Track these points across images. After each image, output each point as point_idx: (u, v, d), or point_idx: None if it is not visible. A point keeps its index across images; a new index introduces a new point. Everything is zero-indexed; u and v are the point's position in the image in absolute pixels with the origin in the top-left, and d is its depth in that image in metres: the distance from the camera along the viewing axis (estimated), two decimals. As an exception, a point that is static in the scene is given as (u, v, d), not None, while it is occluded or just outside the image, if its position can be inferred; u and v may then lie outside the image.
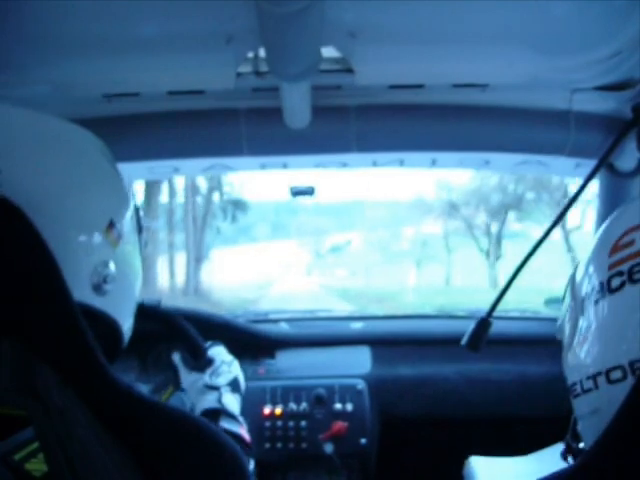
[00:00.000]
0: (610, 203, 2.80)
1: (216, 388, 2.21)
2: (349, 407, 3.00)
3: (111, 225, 1.49)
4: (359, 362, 3.23)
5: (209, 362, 2.28)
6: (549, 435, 2.89)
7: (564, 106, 2.48)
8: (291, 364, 3.24)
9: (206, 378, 2.25)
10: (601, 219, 2.87)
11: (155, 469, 1.32)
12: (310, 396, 3.02)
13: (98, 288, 1.44)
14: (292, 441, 2.98)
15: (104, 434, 1.24)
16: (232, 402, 2.20)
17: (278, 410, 3.00)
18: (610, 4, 1.86)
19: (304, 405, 3.01)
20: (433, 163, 2.90)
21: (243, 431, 2.09)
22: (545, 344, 3.23)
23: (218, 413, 2.11)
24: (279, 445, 2.97)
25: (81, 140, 1.57)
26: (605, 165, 2.69)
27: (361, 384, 3.06)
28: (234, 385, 2.27)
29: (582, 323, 1.30)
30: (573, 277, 1.41)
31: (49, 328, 1.24)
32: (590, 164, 2.64)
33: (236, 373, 2.31)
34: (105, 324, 1.52)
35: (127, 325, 1.67)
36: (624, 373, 1.14)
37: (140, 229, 1.74)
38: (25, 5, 1.81)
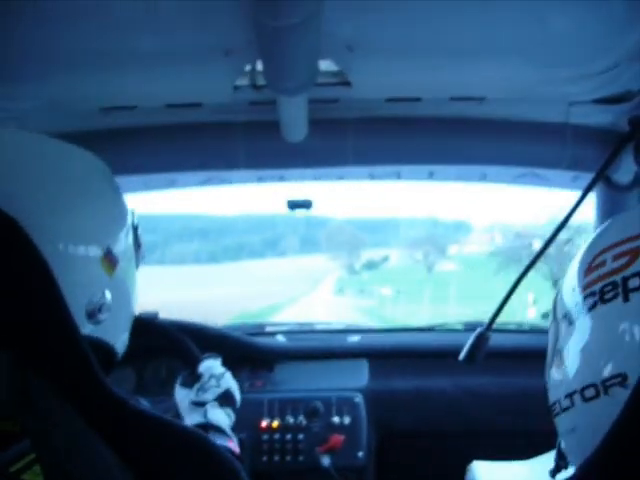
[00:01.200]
0: (607, 216, 2.79)
1: (202, 404, 2.21)
2: (346, 420, 2.99)
3: (108, 253, 1.48)
4: (356, 375, 3.22)
5: (197, 378, 2.28)
6: (547, 448, 2.89)
7: (561, 119, 2.48)
8: (288, 377, 3.24)
9: (192, 395, 2.25)
10: (598, 232, 2.87)
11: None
12: (307, 409, 3.02)
13: (92, 317, 1.43)
14: (289, 454, 2.97)
15: (102, 447, 1.23)
16: (220, 416, 2.19)
17: (275, 423, 3.00)
18: (607, 17, 1.86)
19: (301, 418, 3.00)
20: (430, 176, 2.90)
21: (232, 444, 2.08)
22: (543, 357, 3.22)
23: (204, 428, 2.11)
24: (276, 458, 2.97)
25: (80, 164, 1.55)
26: (602, 178, 2.70)
27: (358, 397, 3.06)
28: (224, 399, 2.27)
29: (560, 342, 1.33)
30: (556, 297, 1.42)
31: (47, 341, 1.23)
32: (588, 177, 2.64)
33: (226, 386, 2.30)
34: (99, 348, 1.49)
35: (122, 344, 1.66)
36: (597, 391, 1.17)
37: (138, 246, 1.73)
38: (22, 19, 1.81)
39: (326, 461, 2.93)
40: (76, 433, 1.18)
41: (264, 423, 2.99)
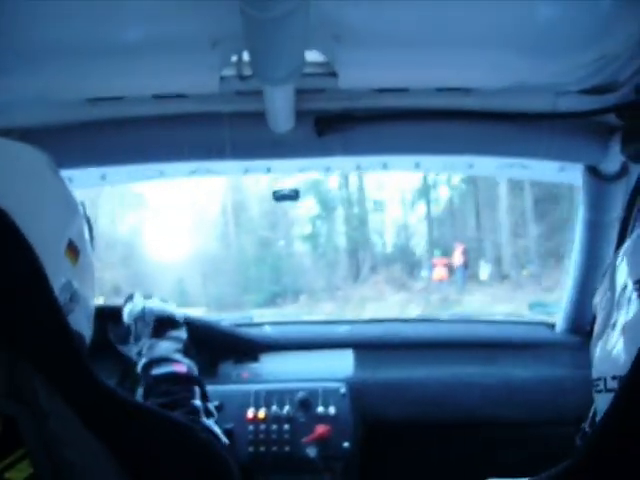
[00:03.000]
0: (594, 207, 2.80)
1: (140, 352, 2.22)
2: (332, 410, 2.99)
3: (70, 244, 1.49)
4: (342, 366, 3.22)
5: (127, 330, 2.27)
6: (533, 438, 2.90)
7: (548, 109, 2.48)
8: (275, 367, 3.24)
9: (133, 348, 2.25)
10: (585, 223, 2.88)
11: (141, 472, 1.32)
12: (293, 400, 3.02)
13: (65, 307, 1.43)
14: (275, 445, 2.97)
15: (90, 438, 1.24)
16: (162, 346, 2.18)
17: (261, 414, 2.99)
18: (594, 8, 1.86)
19: (287, 408, 3.00)
20: (417, 166, 2.90)
21: (177, 366, 2.08)
22: (530, 348, 3.24)
23: (149, 364, 2.10)
24: (262, 449, 2.97)
25: (28, 158, 1.53)
26: (589, 168, 2.70)
27: (344, 388, 3.06)
28: (159, 327, 2.25)
29: (616, 317, 1.25)
30: (614, 261, 1.34)
31: (37, 333, 1.23)
32: (574, 167, 2.66)
33: (153, 317, 2.26)
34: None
35: (89, 333, 1.67)
36: None
37: (91, 237, 1.73)
38: (6, 10, 1.80)
39: (312, 451, 2.93)
40: (66, 424, 1.18)
41: (250, 414, 2.99)
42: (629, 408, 1.02)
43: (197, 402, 1.95)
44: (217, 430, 1.90)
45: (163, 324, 2.25)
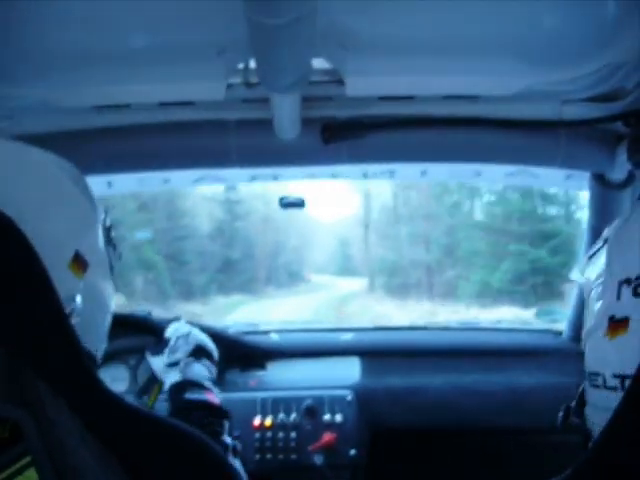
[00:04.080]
0: (600, 214, 2.80)
1: (175, 364, 2.23)
2: (338, 418, 2.99)
3: (76, 257, 1.47)
4: (348, 373, 3.22)
5: (165, 343, 2.30)
6: (538, 446, 2.89)
7: (555, 117, 2.47)
8: (281, 375, 3.24)
9: (164, 358, 2.28)
10: (591, 230, 2.87)
11: (147, 478, 1.32)
12: (300, 407, 3.02)
13: None
14: (282, 452, 2.97)
15: (95, 445, 1.23)
16: (196, 370, 2.21)
17: (268, 421, 2.99)
18: (600, 16, 1.86)
19: (294, 416, 3.00)
20: (423, 174, 2.90)
21: (210, 396, 2.10)
22: (535, 355, 3.24)
23: (182, 385, 2.11)
24: (269, 456, 2.97)
25: (43, 165, 1.52)
26: (596, 176, 2.70)
27: (350, 395, 3.06)
28: (197, 352, 2.29)
29: (617, 309, 1.23)
30: (610, 254, 1.33)
31: (41, 339, 1.23)
32: (581, 175, 2.65)
33: (195, 342, 2.31)
34: None
35: (100, 346, 1.66)
36: None
37: (113, 247, 1.72)
38: (15, 17, 1.81)
39: (319, 459, 2.93)
40: (71, 431, 1.18)
41: (257, 421, 2.99)
42: (633, 419, 1.02)
43: (227, 439, 1.98)
44: (241, 471, 1.90)
45: (201, 352, 2.30)
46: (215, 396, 2.12)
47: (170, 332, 2.36)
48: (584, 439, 1.39)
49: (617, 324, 1.21)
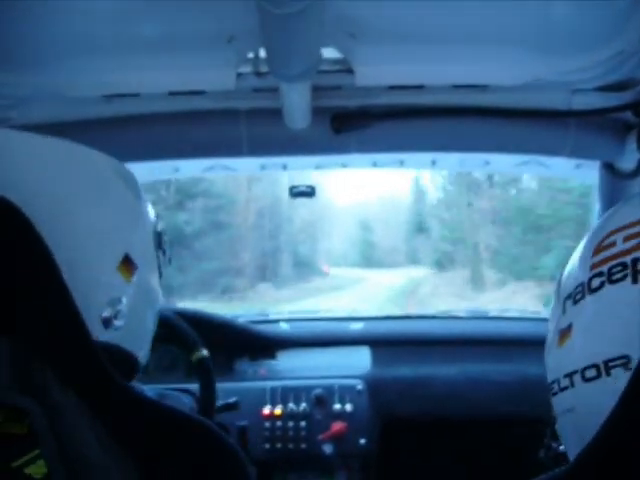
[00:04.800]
0: (610, 204, 2.79)
1: None
2: (348, 407, 3.00)
3: (126, 260, 1.46)
4: (359, 362, 3.23)
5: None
6: (549, 435, 2.88)
7: (564, 107, 2.47)
8: (291, 364, 3.25)
9: None
10: (601, 219, 2.87)
11: (155, 469, 1.32)
12: (310, 396, 3.02)
13: (108, 324, 1.41)
14: (292, 441, 2.98)
15: (104, 433, 1.24)
16: None
17: (278, 410, 3.00)
18: (610, 5, 1.86)
19: (304, 405, 3.01)
20: (433, 164, 2.90)
21: None
22: (544, 344, 3.23)
23: None
24: (279, 445, 2.98)
25: (95, 165, 1.52)
26: (605, 166, 2.70)
27: (360, 384, 3.06)
28: None
29: (562, 322, 1.31)
30: (559, 278, 1.40)
31: (48, 326, 1.23)
32: (590, 165, 2.65)
33: None
34: (117, 354, 1.48)
35: (144, 351, 1.64)
36: (598, 372, 1.15)
37: (163, 252, 1.72)
38: (24, 6, 1.81)
39: (329, 449, 2.94)
40: (80, 420, 1.19)
41: (267, 410, 3.00)
42: (634, 412, 1.02)
43: None
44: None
45: None
46: None
47: None
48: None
49: (564, 332, 1.28)
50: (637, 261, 1.15)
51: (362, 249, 21.45)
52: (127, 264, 1.46)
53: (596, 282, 1.21)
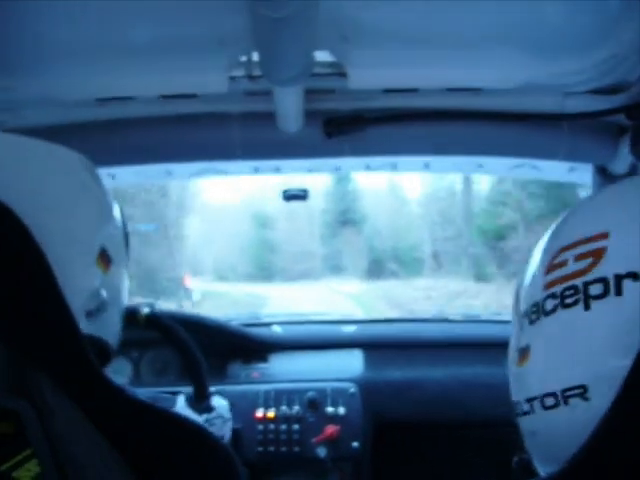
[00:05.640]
0: None
1: None
2: (341, 410, 3.00)
3: (102, 252, 1.50)
4: (351, 365, 3.23)
5: (209, 409, 2.31)
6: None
7: (557, 110, 2.47)
8: (284, 367, 3.25)
9: (200, 420, 2.30)
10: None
11: (148, 471, 1.32)
12: (303, 399, 3.02)
13: (90, 315, 1.44)
14: (285, 444, 2.98)
15: (96, 435, 1.24)
16: None
17: (271, 413, 3.00)
18: (603, 8, 1.87)
19: (297, 408, 3.01)
20: (426, 167, 2.90)
21: None
22: None
23: None
24: (271, 448, 2.97)
25: (67, 162, 1.54)
26: (598, 169, 2.70)
27: (353, 387, 3.06)
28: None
29: (521, 340, 1.32)
30: (517, 290, 1.42)
31: (43, 330, 1.24)
32: (584, 168, 2.65)
33: (224, 433, 2.34)
34: (96, 344, 1.52)
35: (116, 339, 1.68)
36: (557, 401, 1.16)
37: (126, 242, 1.74)
38: (16, 10, 1.81)
39: (322, 452, 2.94)
40: (73, 422, 1.19)
41: (259, 413, 3.00)
42: (626, 416, 1.03)
43: None
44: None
45: None
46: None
47: (217, 404, 2.41)
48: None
49: (523, 352, 1.31)
50: (588, 285, 1.15)
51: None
52: (104, 256, 1.50)
53: (550, 304, 1.21)
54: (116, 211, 1.66)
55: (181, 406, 2.32)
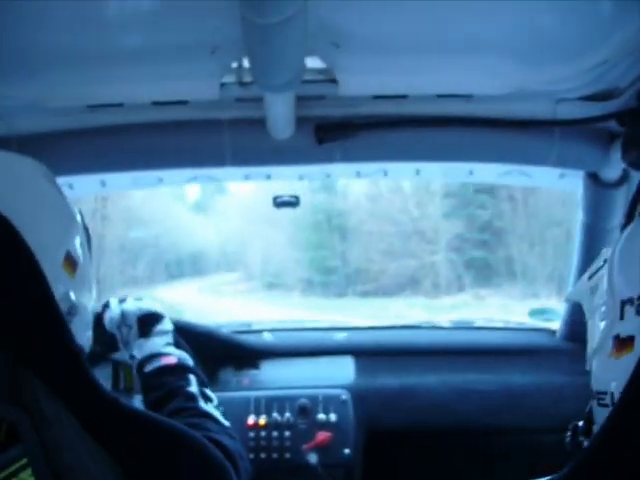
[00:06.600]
0: (594, 213, 2.80)
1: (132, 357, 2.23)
2: (333, 417, 2.99)
3: (68, 256, 1.51)
4: (343, 372, 3.22)
5: (113, 338, 2.29)
6: (533, 445, 2.89)
7: (549, 116, 2.48)
8: (275, 374, 3.24)
9: (125, 354, 2.29)
10: (584, 229, 2.88)
11: (142, 477, 1.32)
12: (294, 406, 3.01)
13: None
14: (276, 451, 2.97)
15: (92, 444, 1.24)
16: (147, 346, 2.19)
17: (262, 420, 2.99)
18: (594, 15, 1.87)
19: (288, 415, 3.00)
20: (417, 173, 2.90)
21: (165, 359, 2.11)
22: (529, 354, 3.24)
23: (140, 364, 2.14)
24: (263, 455, 2.96)
25: (25, 169, 1.54)
26: (589, 175, 2.70)
27: (345, 394, 3.06)
28: (143, 325, 2.25)
29: (621, 329, 1.24)
30: (611, 272, 1.34)
31: (35, 337, 1.23)
32: (574, 174, 2.65)
33: (135, 319, 2.25)
34: None
35: (88, 342, 1.70)
36: None
37: (89, 245, 1.74)
38: (7, 17, 1.80)
39: (313, 458, 2.93)
40: (67, 429, 1.19)
41: (251, 420, 2.99)
42: (629, 419, 1.02)
43: (193, 389, 1.96)
44: (217, 414, 1.91)
45: (145, 322, 2.25)
46: (172, 357, 2.11)
47: (108, 324, 2.29)
48: None
49: (622, 343, 1.22)
50: None
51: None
52: (70, 261, 1.51)
53: None
54: (77, 216, 1.67)
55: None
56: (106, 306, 2.32)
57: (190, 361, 2.13)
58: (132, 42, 2.00)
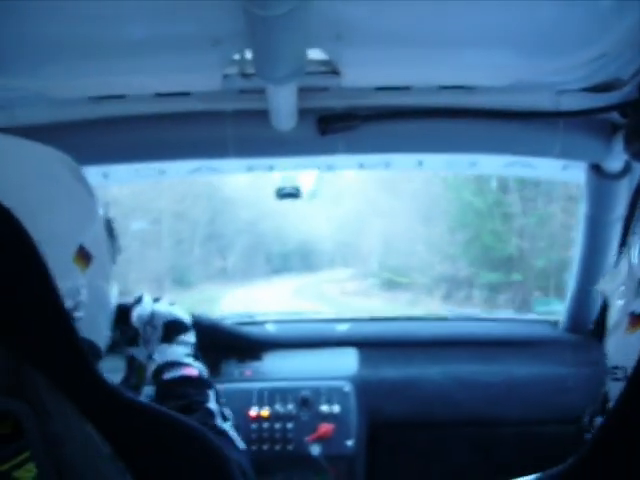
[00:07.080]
0: (597, 205, 2.80)
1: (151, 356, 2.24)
2: (335, 409, 2.99)
3: (81, 250, 1.48)
4: (346, 364, 3.22)
5: (136, 332, 2.31)
6: (534, 437, 2.89)
7: (551, 108, 2.48)
8: (278, 366, 3.24)
9: (143, 351, 2.31)
10: (587, 220, 2.88)
11: (144, 470, 1.32)
12: (297, 398, 3.02)
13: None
14: (279, 443, 2.97)
15: (93, 435, 1.24)
16: (170, 352, 2.22)
17: (265, 412, 2.99)
18: (596, 5, 1.86)
19: (290, 407, 3.00)
20: (420, 164, 2.90)
21: (187, 370, 2.13)
22: (532, 346, 3.24)
23: (160, 369, 2.15)
24: (265, 447, 2.97)
25: (42, 159, 1.52)
26: (592, 167, 2.70)
27: (347, 386, 3.06)
28: (168, 331, 2.28)
29: (636, 306, 1.26)
30: (629, 248, 1.35)
31: (38, 330, 1.23)
32: (578, 165, 2.65)
33: (162, 322, 2.30)
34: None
35: (103, 339, 1.67)
36: None
37: (113, 239, 1.73)
38: (8, 9, 1.80)
39: (316, 450, 2.93)
40: (70, 422, 1.19)
41: (253, 412, 2.99)
42: (637, 401, 1.02)
43: (212, 405, 1.97)
44: (233, 434, 1.92)
45: (172, 329, 2.27)
46: (193, 369, 2.13)
47: (135, 319, 2.32)
48: None
49: (637, 319, 1.23)
50: None
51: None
52: (82, 255, 1.48)
53: None
54: (99, 209, 1.65)
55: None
56: (138, 301, 2.33)
57: (207, 375, 2.16)
58: (135, 34, 1.99)
